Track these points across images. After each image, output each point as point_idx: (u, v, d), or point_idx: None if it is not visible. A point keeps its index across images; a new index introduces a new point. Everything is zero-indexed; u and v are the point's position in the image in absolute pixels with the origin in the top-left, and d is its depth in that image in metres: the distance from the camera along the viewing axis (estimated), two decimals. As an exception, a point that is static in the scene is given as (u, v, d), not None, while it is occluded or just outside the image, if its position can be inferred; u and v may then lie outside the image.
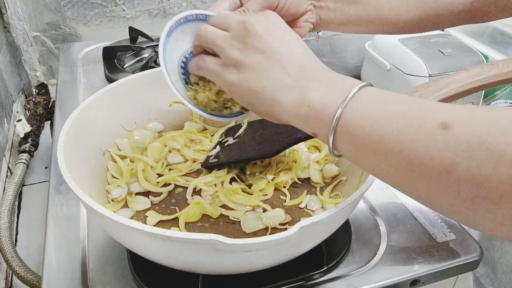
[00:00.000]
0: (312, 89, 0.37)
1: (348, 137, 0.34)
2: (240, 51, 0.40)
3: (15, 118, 1.08)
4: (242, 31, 0.40)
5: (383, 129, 0.32)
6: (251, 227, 0.51)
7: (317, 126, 0.36)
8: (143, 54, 1.01)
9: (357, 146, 0.34)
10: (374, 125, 0.33)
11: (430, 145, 0.30)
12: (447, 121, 0.29)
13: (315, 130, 0.37)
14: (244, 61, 0.40)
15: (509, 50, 1.19)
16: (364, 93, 0.35)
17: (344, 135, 0.35)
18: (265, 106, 0.40)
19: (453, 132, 0.29)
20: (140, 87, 0.62)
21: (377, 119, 0.33)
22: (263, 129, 0.60)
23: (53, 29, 1.26)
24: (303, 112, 0.37)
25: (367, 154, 0.34)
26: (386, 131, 0.32)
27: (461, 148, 0.28)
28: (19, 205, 1.02)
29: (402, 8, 0.54)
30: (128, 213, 0.53)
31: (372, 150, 0.33)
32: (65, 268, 0.52)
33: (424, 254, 0.53)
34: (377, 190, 0.63)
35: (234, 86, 0.41)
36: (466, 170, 0.28)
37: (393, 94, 0.35)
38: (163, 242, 0.39)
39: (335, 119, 0.34)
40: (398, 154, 0.31)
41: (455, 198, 0.29)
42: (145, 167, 0.58)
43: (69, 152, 0.48)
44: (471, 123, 0.29)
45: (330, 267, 0.51)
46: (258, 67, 0.39)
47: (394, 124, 0.32)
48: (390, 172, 0.33)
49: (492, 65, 0.55)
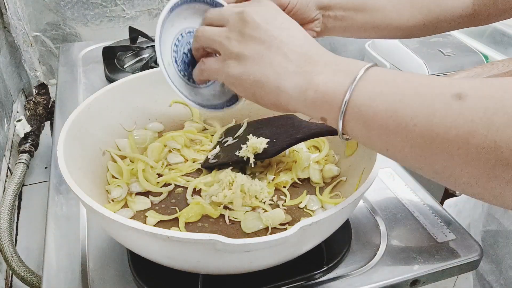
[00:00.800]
0: (318, 73, 0.36)
1: (358, 118, 0.34)
2: (239, 43, 0.39)
3: (15, 118, 1.09)
4: (239, 23, 0.40)
5: (395, 106, 0.32)
6: (251, 227, 0.51)
7: (325, 110, 0.36)
8: (143, 54, 1.01)
9: (368, 126, 0.34)
10: (385, 103, 0.32)
11: (445, 116, 0.29)
12: (461, 92, 0.29)
13: (323, 114, 0.36)
14: (244, 53, 0.39)
15: (509, 50, 1.19)
16: (372, 73, 0.34)
17: (354, 116, 0.34)
18: (270, 96, 0.39)
19: (468, 101, 0.29)
20: (140, 87, 0.62)
21: (387, 97, 0.32)
22: (263, 129, 0.60)
23: (53, 29, 1.26)
24: (310, 97, 0.36)
25: (379, 133, 0.33)
26: (398, 107, 0.32)
27: (479, 116, 0.28)
28: (19, 205, 1.02)
29: (407, 13, 0.54)
30: (128, 213, 0.53)
31: (384, 128, 0.32)
32: (65, 268, 0.52)
33: (424, 254, 0.53)
34: (377, 190, 0.63)
35: (236, 79, 0.40)
36: (485, 137, 0.27)
37: (401, 73, 0.34)
38: (163, 242, 0.39)
39: (345, 101, 0.34)
40: (413, 130, 0.31)
41: (475, 168, 0.29)
42: (145, 167, 0.58)
43: (69, 152, 0.48)
44: (485, 90, 0.29)
45: (330, 267, 0.51)
46: (259, 57, 0.38)
47: (406, 100, 0.31)
48: (405, 150, 0.32)
49: (492, 65, 0.56)
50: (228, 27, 0.41)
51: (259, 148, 0.56)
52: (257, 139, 0.57)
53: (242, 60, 0.39)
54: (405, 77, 0.33)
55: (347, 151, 0.59)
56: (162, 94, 0.64)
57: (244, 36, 0.39)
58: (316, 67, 0.37)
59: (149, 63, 0.93)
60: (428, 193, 0.62)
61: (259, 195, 0.54)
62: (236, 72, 0.40)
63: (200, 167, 0.60)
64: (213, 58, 0.43)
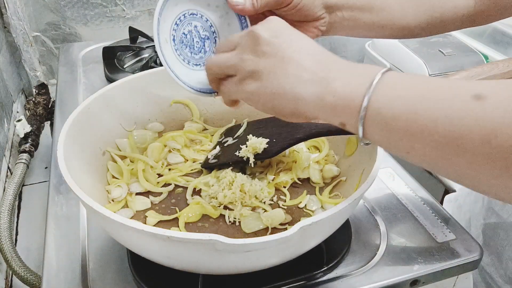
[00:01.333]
0: (334, 78, 0.36)
1: (379, 122, 0.34)
2: (252, 61, 0.40)
3: (15, 118, 1.09)
4: (249, 41, 0.40)
5: (415, 108, 0.32)
6: (251, 227, 0.51)
7: (345, 115, 0.36)
8: (143, 54, 1.01)
9: (389, 129, 0.34)
10: (405, 106, 0.32)
11: (466, 117, 0.29)
12: (480, 93, 0.29)
13: (343, 119, 0.36)
14: (258, 69, 0.39)
15: (509, 50, 1.19)
16: (389, 77, 0.34)
17: (374, 120, 0.34)
18: (289, 106, 0.39)
19: (488, 101, 0.29)
20: (140, 87, 0.62)
21: (407, 100, 0.32)
22: (263, 129, 0.60)
23: (53, 29, 1.26)
24: (329, 103, 0.36)
25: (400, 136, 0.33)
26: (419, 110, 0.32)
27: (500, 115, 0.28)
28: (19, 205, 1.02)
29: (411, 13, 0.55)
30: (128, 213, 0.53)
31: (405, 131, 0.33)
32: (65, 268, 0.52)
33: (424, 254, 0.53)
34: (377, 190, 0.63)
35: (254, 95, 0.40)
36: (507, 136, 0.28)
37: (418, 76, 0.34)
38: (163, 242, 0.39)
39: (364, 105, 0.34)
40: (434, 131, 0.31)
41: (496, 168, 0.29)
42: (145, 167, 0.59)
43: (69, 152, 0.48)
44: (503, 90, 0.29)
45: (330, 267, 0.51)
46: (274, 70, 0.39)
47: (425, 102, 0.31)
48: (426, 152, 0.32)
49: (492, 65, 0.56)
50: (239, 48, 0.41)
51: (259, 148, 0.56)
52: (257, 139, 0.57)
53: (257, 76, 0.40)
54: (422, 80, 0.33)
55: (347, 151, 0.59)
56: (162, 94, 0.64)
57: (256, 53, 0.40)
58: (331, 73, 0.37)
59: (149, 63, 0.93)
60: (428, 193, 0.62)
61: (259, 195, 0.54)
62: (253, 89, 0.40)
63: (200, 167, 0.60)
64: (230, 81, 0.42)
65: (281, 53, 0.39)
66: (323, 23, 0.53)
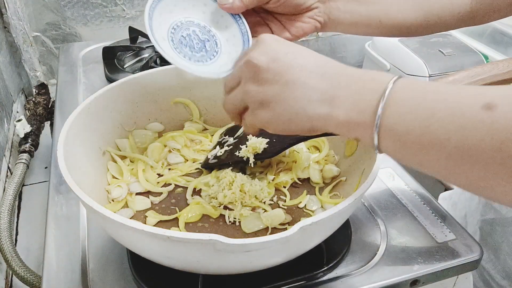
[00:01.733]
0: (343, 97, 0.36)
1: (392, 136, 0.34)
2: (256, 92, 0.40)
3: (15, 118, 1.09)
4: (249, 73, 0.40)
5: (426, 122, 0.32)
6: (251, 227, 0.51)
7: (359, 132, 0.36)
8: (143, 54, 1.01)
9: (402, 143, 0.34)
10: (417, 119, 0.33)
11: (477, 128, 0.30)
12: (490, 102, 0.30)
13: (357, 135, 0.37)
14: (265, 98, 0.39)
15: (509, 50, 1.19)
16: (398, 88, 0.34)
17: (387, 135, 0.34)
18: (306, 126, 0.39)
19: (498, 110, 0.29)
20: (140, 87, 0.62)
21: (418, 113, 0.33)
22: (263, 129, 0.59)
23: (53, 29, 1.26)
24: (342, 121, 0.37)
25: (413, 149, 0.34)
26: (430, 123, 0.32)
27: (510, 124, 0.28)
28: (19, 205, 1.02)
29: (408, 8, 0.55)
30: (128, 213, 0.53)
31: (418, 144, 0.33)
32: (65, 268, 0.52)
33: (424, 254, 0.53)
34: (377, 190, 0.63)
35: (270, 124, 0.41)
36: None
37: (428, 84, 0.34)
38: (163, 242, 0.39)
39: (376, 122, 0.34)
40: (447, 144, 0.31)
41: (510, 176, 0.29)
42: (145, 167, 0.59)
43: (69, 152, 0.48)
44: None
45: (330, 267, 0.51)
46: (281, 97, 0.39)
47: (436, 115, 0.32)
48: (439, 163, 0.33)
49: (492, 65, 0.56)
50: (243, 81, 0.41)
51: (259, 148, 0.56)
52: (257, 139, 0.57)
53: (266, 105, 0.39)
54: (432, 89, 0.34)
55: (347, 151, 0.59)
56: (162, 94, 0.64)
57: (259, 82, 0.39)
58: (339, 91, 0.37)
59: (149, 63, 0.93)
60: (428, 193, 0.62)
61: (259, 195, 0.54)
62: (266, 118, 0.40)
63: (200, 167, 0.60)
64: (247, 113, 0.43)
65: (283, 78, 0.38)
66: (318, 13, 0.53)
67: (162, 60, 0.96)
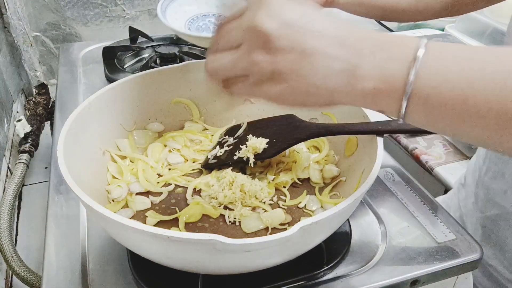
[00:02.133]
0: (367, 66, 0.33)
1: (424, 107, 0.32)
2: (267, 62, 0.34)
3: (15, 118, 1.08)
4: (258, 40, 0.34)
5: (464, 92, 0.30)
6: (251, 227, 0.51)
7: (385, 103, 0.33)
8: (143, 54, 1.01)
9: (435, 114, 0.32)
10: (454, 90, 0.31)
11: None
12: None
13: (383, 107, 0.34)
14: (278, 70, 0.34)
15: (509, 50, 1.19)
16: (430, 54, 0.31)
17: (419, 105, 0.32)
18: (323, 100, 0.36)
19: None
20: (140, 87, 0.62)
21: (455, 83, 0.31)
22: (263, 129, 0.60)
23: (53, 29, 1.26)
24: (367, 90, 0.33)
25: (449, 120, 0.32)
26: (469, 94, 0.30)
27: None
28: (19, 205, 1.02)
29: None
30: (128, 213, 0.53)
31: (454, 115, 0.31)
32: (65, 268, 0.51)
33: (424, 254, 0.53)
34: (377, 190, 0.63)
35: (279, 98, 0.36)
36: None
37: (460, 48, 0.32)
38: (163, 242, 0.39)
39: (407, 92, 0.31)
40: (487, 114, 0.30)
41: None
42: (145, 167, 0.59)
43: (69, 152, 0.48)
44: None
45: (330, 267, 0.51)
46: (298, 68, 0.34)
47: (475, 85, 0.30)
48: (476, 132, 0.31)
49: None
50: (246, 48, 0.35)
51: (259, 148, 0.56)
52: (257, 139, 0.57)
53: (279, 77, 0.35)
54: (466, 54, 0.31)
55: (347, 151, 0.59)
56: (162, 94, 0.64)
57: (270, 51, 0.34)
58: (363, 58, 0.33)
59: (149, 63, 0.93)
60: (428, 193, 0.62)
61: (259, 195, 0.54)
62: (277, 92, 0.36)
63: (200, 167, 0.60)
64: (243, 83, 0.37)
65: (300, 46, 0.33)
66: None
67: (162, 60, 0.96)
